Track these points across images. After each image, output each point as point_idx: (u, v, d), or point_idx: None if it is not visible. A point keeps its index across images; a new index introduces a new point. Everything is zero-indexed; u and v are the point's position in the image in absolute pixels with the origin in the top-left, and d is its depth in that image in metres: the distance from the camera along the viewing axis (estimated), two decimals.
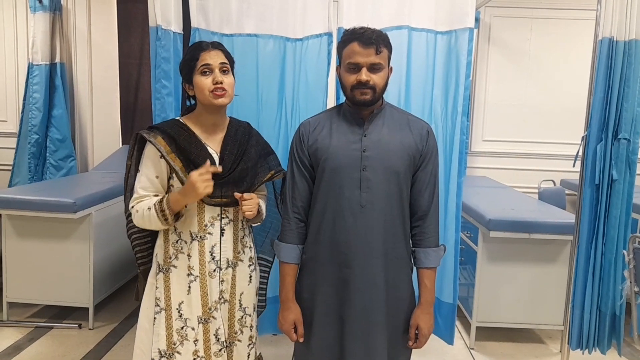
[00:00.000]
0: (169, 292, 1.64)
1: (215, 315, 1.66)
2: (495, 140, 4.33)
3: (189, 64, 1.62)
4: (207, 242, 1.65)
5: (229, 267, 1.70)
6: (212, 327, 1.66)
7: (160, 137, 1.60)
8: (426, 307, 1.64)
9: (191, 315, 1.64)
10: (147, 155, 1.62)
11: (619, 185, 2.37)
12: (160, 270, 1.66)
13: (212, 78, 1.59)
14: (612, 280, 2.44)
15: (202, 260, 1.64)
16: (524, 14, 4.19)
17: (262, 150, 1.78)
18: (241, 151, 1.68)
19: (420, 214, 1.63)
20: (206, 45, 1.63)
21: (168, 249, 1.65)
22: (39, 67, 3.95)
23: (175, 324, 1.63)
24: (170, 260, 1.65)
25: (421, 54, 2.29)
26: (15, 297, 2.97)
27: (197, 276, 1.64)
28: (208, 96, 1.60)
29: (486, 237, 2.78)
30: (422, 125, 1.65)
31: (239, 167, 1.66)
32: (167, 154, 1.58)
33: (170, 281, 1.64)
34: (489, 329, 2.96)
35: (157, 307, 1.65)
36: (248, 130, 1.77)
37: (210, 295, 1.65)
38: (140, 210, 1.59)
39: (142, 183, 1.62)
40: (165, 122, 1.68)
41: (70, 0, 4.14)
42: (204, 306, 1.64)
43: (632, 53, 2.30)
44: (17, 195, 2.87)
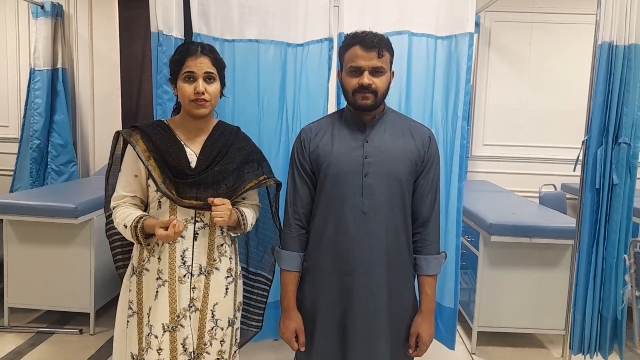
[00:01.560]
0: (140, 295, 1.61)
1: (184, 324, 1.58)
2: (495, 144, 4.33)
3: (175, 66, 1.59)
4: (178, 245, 1.58)
5: (202, 274, 1.62)
6: (179, 336, 1.58)
7: (139, 136, 1.58)
8: (427, 315, 1.62)
9: (156, 323, 1.57)
10: (127, 154, 1.62)
11: (620, 190, 2.37)
12: (134, 272, 1.63)
13: (194, 87, 1.55)
14: (614, 284, 2.43)
15: (172, 264, 1.58)
16: (524, 19, 4.19)
17: (250, 156, 1.71)
18: (222, 153, 1.63)
19: (422, 220, 1.62)
20: (194, 50, 1.57)
21: (142, 251, 1.62)
22: (40, 72, 3.97)
23: (145, 329, 1.59)
24: (144, 263, 1.61)
25: (421, 59, 2.30)
26: (16, 303, 2.96)
27: (165, 281, 1.58)
28: (188, 105, 1.58)
29: (487, 242, 2.78)
30: (424, 131, 1.64)
31: (216, 169, 1.59)
32: (142, 152, 1.55)
33: (142, 284, 1.61)
34: (490, 333, 2.95)
35: (130, 310, 1.62)
36: (235, 134, 1.72)
37: (179, 301, 1.58)
38: (117, 220, 1.58)
39: (122, 182, 1.62)
40: (148, 123, 1.65)
41: (72, 6, 4.16)
42: (172, 313, 1.57)
43: (632, 57, 2.30)
44: (18, 201, 2.88)
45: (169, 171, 1.56)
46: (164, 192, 1.54)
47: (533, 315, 2.84)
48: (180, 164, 1.56)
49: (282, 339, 1.68)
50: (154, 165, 1.55)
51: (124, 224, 1.55)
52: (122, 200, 1.61)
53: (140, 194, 1.63)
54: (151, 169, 1.54)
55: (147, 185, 1.61)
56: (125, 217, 1.56)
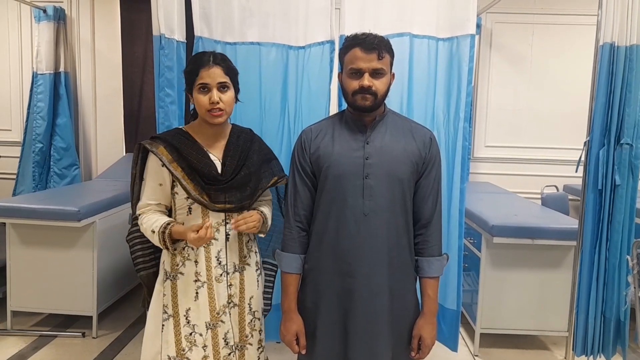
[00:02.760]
0: (176, 299, 1.66)
1: (224, 319, 1.68)
2: (497, 146, 4.33)
3: (189, 77, 1.64)
4: (213, 247, 1.66)
5: (236, 271, 1.71)
6: (220, 332, 1.67)
7: (162, 146, 1.63)
8: (429, 317, 1.62)
9: (199, 322, 1.66)
10: (150, 165, 1.66)
11: (622, 190, 2.37)
12: (167, 277, 1.68)
13: (209, 97, 1.60)
14: (616, 285, 2.43)
15: (208, 266, 1.66)
16: (526, 20, 4.19)
17: (265, 156, 1.79)
18: (243, 157, 1.70)
19: (423, 222, 1.62)
20: (207, 61, 1.61)
21: (175, 256, 1.67)
22: (43, 76, 3.99)
23: (183, 330, 1.65)
24: (178, 267, 1.67)
25: (423, 60, 2.30)
26: (19, 306, 2.97)
27: (204, 282, 1.66)
28: (204, 114, 1.63)
29: (489, 243, 2.77)
30: (425, 132, 1.64)
31: (242, 173, 1.67)
32: (169, 162, 1.61)
33: (177, 288, 1.67)
34: (493, 335, 2.94)
35: (165, 314, 1.67)
36: (250, 136, 1.79)
37: (217, 300, 1.67)
38: (145, 225, 1.64)
39: (147, 192, 1.67)
40: (168, 132, 1.72)
41: (74, 10, 4.18)
42: (212, 311, 1.66)
43: (634, 58, 2.31)
44: (21, 204, 2.88)
45: (199, 178, 1.62)
46: (196, 199, 1.61)
47: (536, 317, 2.83)
48: (211, 171, 1.63)
49: (283, 341, 1.67)
50: (182, 174, 1.61)
51: (152, 229, 1.61)
52: (147, 207, 1.67)
53: (165, 201, 1.69)
54: (180, 178, 1.60)
55: (172, 194, 1.67)
56: (153, 223, 1.62)
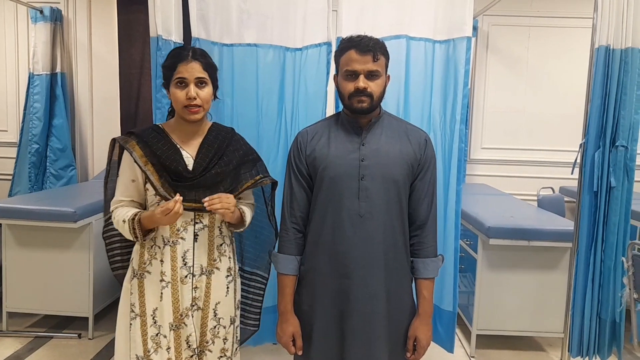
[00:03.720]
0: (143, 298, 1.63)
1: (187, 322, 1.64)
2: (493, 147, 4.34)
3: (167, 72, 1.61)
4: (179, 247, 1.62)
5: (203, 274, 1.66)
6: (183, 334, 1.64)
7: (134, 142, 1.61)
8: (424, 318, 1.62)
9: (163, 322, 1.62)
10: (124, 160, 1.65)
11: (618, 192, 2.38)
12: (134, 275, 1.66)
13: (186, 92, 1.57)
14: (612, 287, 2.44)
15: (173, 266, 1.62)
16: (522, 22, 4.21)
17: (246, 156, 1.74)
18: (218, 155, 1.66)
19: (419, 223, 1.62)
20: (185, 56, 1.59)
21: (143, 254, 1.65)
22: (39, 77, 3.98)
23: (150, 330, 1.62)
24: (145, 265, 1.64)
25: (420, 62, 2.31)
26: (15, 307, 2.96)
27: (168, 282, 1.62)
28: (181, 110, 1.60)
29: (486, 245, 2.78)
30: (421, 134, 1.65)
31: (213, 171, 1.63)
32: (140, 158, 1.59)
33: (144, 287, 1.64)
34: (489, 336, 2.95)
35: (133, 313, 1.65)
36: (230, 135, 1.74)
37: (181, 301, 1.63)
38: (117, 218, 1.62)
39: (120, 188, 1.65)
40: (143, 128, 1.68)
41: (71, 11, 4.17)
42: (175, 312, 1.63)
43: (629, 61, 2.32)
44: (17, 205, 2.87)
45: (167, 175, 1.59)
46: (163, 195, 1.58)
47: (532, 318, 2.84)
48: (178, 167, 1.59)
49: (279, 343, 1.67)
50: (151, 170, 1.58)
51: (123, 219, 1.59)
52: (120, 204, 1.65)
53: (138, 198, 1.66)
54: (149, 174, 1.58)
55: (144, 190, 1.65)
56: (125, 214, 1.60)
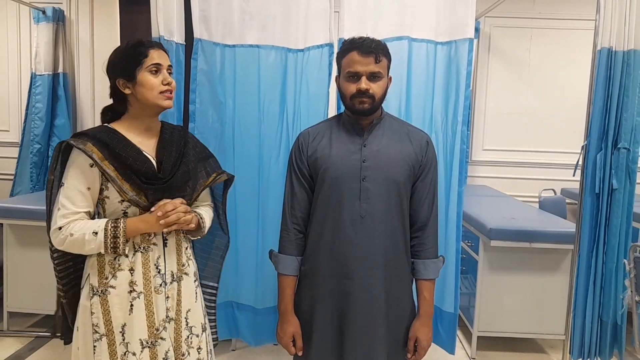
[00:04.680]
0: (108, 315, 1.44)
1: (164, 336, 1.49)
2: (495, 149, 4.34)
3: (134, 59, 1.47)
4: (151, 253, 1.49)
5: (174, 281, 1.54)
6: (160, 350, 1.48)
7: (90, 143, 1.41)
8: (425, 320, 1.62)
9: (132, 339, 1.45)
10: (75, 165, 1.42)
11: (619, 195, 2.38)
12: (95, 293, 1.45)
13: (163, 78, 1.48)
14: (613, 289, 2.44)
15: (146, 275, 1.47)
16: (524, 24, 4.21)
17: (201, 154, 1.67)
18: (180, 154, 1.56)
19: (420, 224, 1.62)
20: (151, 43, 1.52)
21: (103, 268, 1.46)
22: (41, 77, 3.98)
23: (119, 349, 1.44)
24: (107, 281, 1.45)
25: (421, 64, 2.31)
26: (15, 307, 2.96)
27: (140, 292, 1.46)
28: (157, 97, 1.48)
29: (487, 247, 2.78)
30: (422, 135, 1.65)
31: (180, 171, 1.53)
32: (101, 160, 1.40)
33: (109, 303, 1.44)
34: (490, 338, 2.95)
35: (97, 334, 1.44)
36: (184, 132, 1.65)
37: (157, 313, 1.48)
38: (78, 233, 1.40)
39: (71, 198, 1.41)
40: (93, 128, 1.50)
41: (73, 11, 4.17)
42: (150, 327, 1.47)
43: (631, 63, 2.32)
44: (18, 205, 2.88)
45: (135, 178, 1.44)
46: (133, 200, 1.44)
47: (533, 320, 2.83)
48: (150, 168, 1.46)
49: (279, 343, 1.67)
50: (115, 173, 1.42)
51: (93, 230, 1.39)
52: (77, 216, 1.42)
53: (92, 208, 1.47)
54: (114, 177, 1.41)
55: (100, 199, 1.47)
56: (91, 226, 1.41)
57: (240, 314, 2.55)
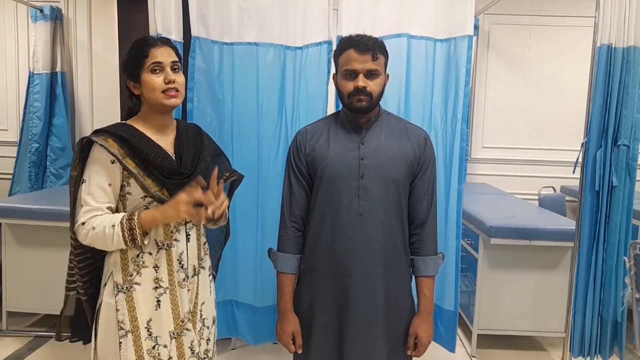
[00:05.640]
0: (134, 312, 1.46)
1: (189, 327, 1.53)
2: (495, 147, 4.33)
3: (137, 60, 1.47)
4: (174, 249, 1.51)
5: (195, 274, 1.58)
6: (186, 340, 1.53)
7: (111, 139, 1.42)
8: (425, 316, 1.63)
9: (162, 333, 1.49)
10: (97, 161, 1.43)
11: (619, 192, 2.37)
12: (119, 290, 1.47)
13: (164, 77, 1.46)
14: (614, 287, 2.43)
15: (170, 270, 1.50)
16: (523, 21, 4.20)
17: (214, 152, 1.68)
18: (198, 150, 1.58)
19: (419, 222, 1.62)
20: (154, 41, 1.50)
21: (127, 265, 1.48)
22: (39, 76, 3.97)
23: (145, 344, 1.47)
24: (132, 277, 1.47)
25: (421, 61, 2.30)
26: (15, 307, 2.95)
27: (166, 288, 1.50)
28: (159, 97, 1.46)
29: (487, 244, 2.77)
30: (420, 132, 1.65)
31: (199, 167, 1.54)
32: (122, 157, 1.41)
33: (134, 300, 1.47)
34: (490, 336, 2.94)
35: (122, 331, 1.46)
36: (199, 130, 1.67)
37: (181, 306, 1.52)
38: (99, 227, 1.40)
39: (93, 194, 1.42)
40: (113, 125, 1.50)
41: (71, 10, 4.17)
42: (176, 319, 1.51)
43: (631, 59, 2.31)
44: (17, 204, 2.87)
45: (158, 173, 1.46)
46: (156, 196, 1.45)
47: (533, 318, 2.83)
48: (171, 164, 1.48)
49: (279, 342, 1.67)
50: (137, 170, 1.43)
51: (112, 224, 1.40)
52: (100, 211, 1.43)
53: (114, 204, 1.47)
54: (136, 174, 1.43)
55: (121, 195, 1.48)
56: (111, 219, 1.41)
57: (240, 312, 2.54)
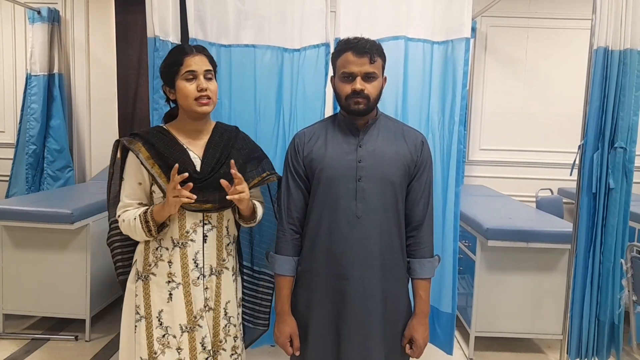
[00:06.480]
0: (148, 300, 1.61)
1: (201, 324, 1.63)
2: (492, 149, 4.34)
3: (172, 68, 1.58)
4: (189, 249, 1.61)
5: (213, 274, 1.66)
6: (197, 336, 1.62)
7: (140, 143, 1.58)
8: (421, 318, 1.63)
9: (172, 324, 1.60)
10: (129, 162, 1.61)
11: (616, 194, 2.38)
12: (139, 277, 1.63)
13: (197, 85, 1.56)
14: (611, 289, 2.44)
15: (184, 268, 1.61)
16: (520, 24, 4.21)
17: (251, 154, 1.73)
18: (224, 155, 1.64)
19: (415, 224, 1.63)
20: (190, 50, 1.59)
21: (148, 256, 1.63)
22: (37, 77, 3.97)
23: (155, 332, 1.60)
24: (150, 267, 1.62)
25: (418, 64, 2.30)
26: (11, 309, 2.95)
27: (179, 283, 1.60)
28: (192, 104, 1.57)
29: (484, 246, 2.78)
30: (417, 135, 1.65)
31: (221, 171, 1.60)
32: (146, 160, 1.56)
33: (149, 289, 1.62)
34: (487, 338, 2.94)
35: (137, 315, 1.62)
36: (235, 134, 1.73)
37: (194, 303, 1.62)
38: (127, 220, 1.58)
39: (126, 191, 1.62)
40: (147, 129, 1.65)
41: (68, 12, 4.16)
42: (189, 314, 1.61)
43: (627, 62, 2.32)
44: (14, 206, 2.86)
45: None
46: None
47: (530, 320, 2.83)
48: (187, 169, 1.54)
49: (276, 343, 1.68)
50: (159, 172, 1.56)
51: (133, 217, 1.57)
52: (128, 207, 1.62)
53: (145, 200, 1.64)
54: (156, 176, 1.56)
55: (150, 192, 1.63)
56: (134, 214, 1.58)
57: None
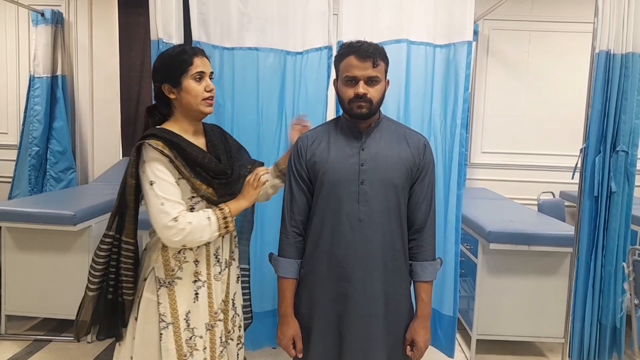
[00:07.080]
0: (175, 304, 1.57)
1: (220, 318, 1.66)
2: (494, 152, 4.34)
3: (181, 66, 1.55)
4: (212, 245, 1.63)
5: (227, 267, 1.69)
6: (217, 331, 1.64)
7: (162, 143, 1.52)
8: (423, 321, 1.63)
9: (198, 324, 1.60)
10: (157, 161, 1.51)
11: (618, 197, 2.38)
12: (162, 285, 1.57)
13: (205, 85, 1.58)
14: (612, 292, 2.43)
15: (208, 264, 1.62)
16: (523, 27, 4.22)
17: (237, 147, 1.80)
18: (229, 150, 1.70)
19: (417, 227, 1.63)
20: (199, 51, 1.60)
21: (168, 261, 1.58)
22: (40, 79, 3.98)
23: (184, 334, 1.57)
24: (173, 272, 1.58)
25: (420, 67, 2.31)
26: (13, 310, 2.95)
27: (204, 281, 1.61)
28: (200, 104, 1.57)
29: (486, 249, 2.78)
30: (419, 138, 1.65)
31: (236, 165, 1.68)
32: (175, 159, 1.51)
33: (175, 294, 1.57)
34: (489, 341, 2.94)
35: (163, 323, 1.56)
36: (220, 130, 1.79)
37: (215, 298, 1.63)
38: (195, 220, 1.50)
39: (170, 193, 1.50)
40: (158, 129, 1.57)
41: (72, 14, 4.18)
42: (211, 312, 1.62)
43: (629, 66, 2.32)
44: (17, 208, 2.87)
45: (205, 174, 1.57)
46: (205, 195, 1.57)
47: (532, 323, 2.83)
48: (218, 165, 1.60)
49: (279, 345, 1.68)
50: (188, 172, 1.54)
51: (206, 216, 1.53)
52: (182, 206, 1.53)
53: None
54: (188, 175, 1.53)
55: None
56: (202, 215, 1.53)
57: None
